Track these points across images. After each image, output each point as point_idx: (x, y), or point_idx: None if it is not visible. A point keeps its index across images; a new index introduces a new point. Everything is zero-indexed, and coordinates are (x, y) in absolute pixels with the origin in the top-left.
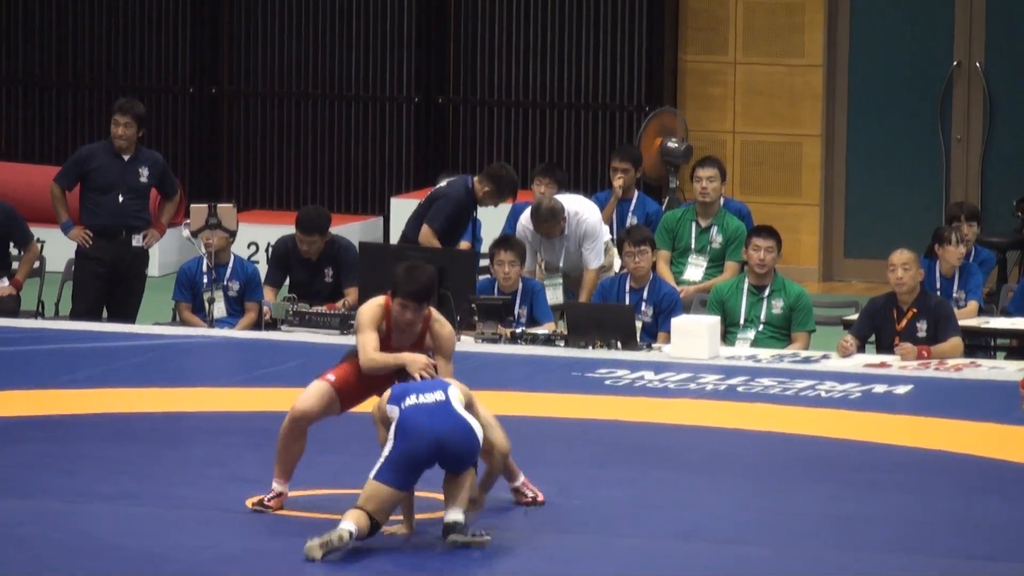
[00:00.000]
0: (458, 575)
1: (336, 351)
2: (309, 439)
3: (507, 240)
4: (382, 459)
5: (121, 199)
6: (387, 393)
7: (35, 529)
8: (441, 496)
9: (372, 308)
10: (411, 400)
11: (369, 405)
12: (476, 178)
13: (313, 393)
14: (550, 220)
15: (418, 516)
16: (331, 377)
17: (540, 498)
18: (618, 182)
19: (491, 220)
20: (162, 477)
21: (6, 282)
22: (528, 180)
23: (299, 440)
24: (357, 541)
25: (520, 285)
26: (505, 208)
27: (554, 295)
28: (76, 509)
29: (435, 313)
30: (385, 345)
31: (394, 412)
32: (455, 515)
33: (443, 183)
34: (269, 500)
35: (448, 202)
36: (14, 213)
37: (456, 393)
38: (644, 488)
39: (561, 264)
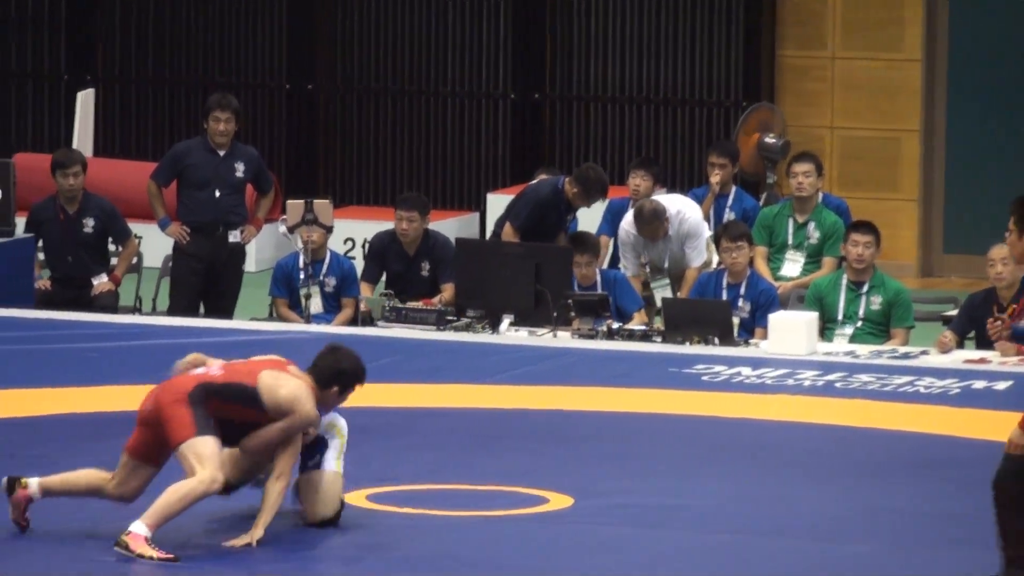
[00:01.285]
0: (564, 568)
1: (432, 347)
2: (397, 435)
3: (581, 241)
4: None
5: (217, 195)
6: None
7: (130, 524)
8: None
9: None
10: None
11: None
12: (567, 179)
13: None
14: (653, 223)
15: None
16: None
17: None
18: (715, 178)
19: (588, 218)
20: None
21: (105, 278)
22: (624, 175)
23: None
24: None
25: (598, 277)
26: (601, 206)
27: (661, 297)
28: None
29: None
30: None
31: None
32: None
33: (536, 180)
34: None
35: (529, 201)
36: (113, 209)
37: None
38: (740, 484)
39: (666, 265)
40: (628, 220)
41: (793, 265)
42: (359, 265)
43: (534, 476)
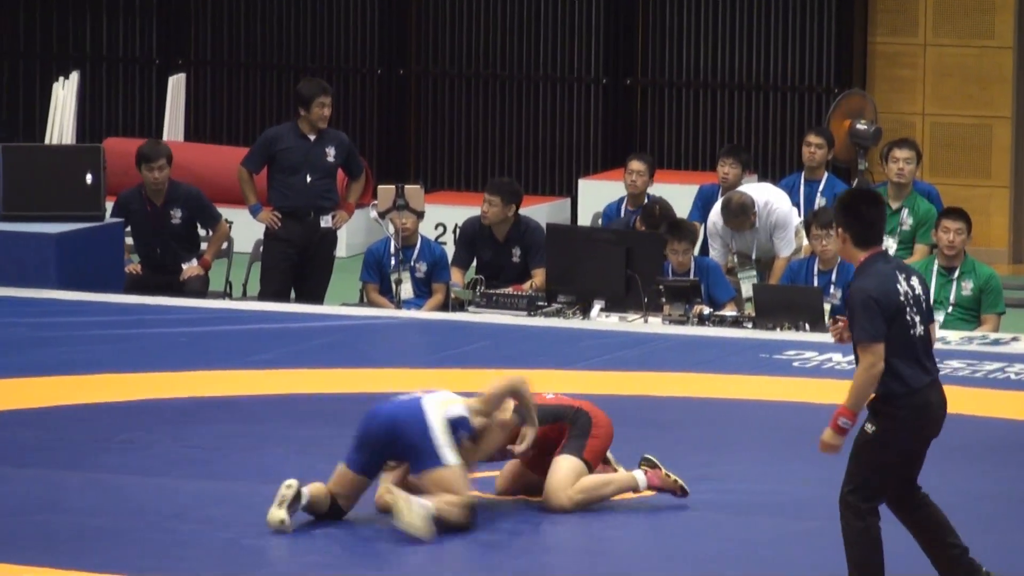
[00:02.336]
0: (641, 554)
1: (523, 333)
2: None
3: (679, 227)
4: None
5: (309, 180)
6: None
7: (226, 509)
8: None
9: None
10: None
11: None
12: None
13: None
14: (740, 215)
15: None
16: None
17: None
18: (809, 153)
19: (680, 204)
20: None
21: (195, 262)
22: (715, 161)
23: None
24: (318, 519)
25: (692, 264)
26: (692, 190)
27: (747, 290)
28: (265, 489)
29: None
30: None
31: None
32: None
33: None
34: None
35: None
36: (199, 195)
37: (437, 398)
38: (832, 470)
39: (754, 255)
40: (716, 210)
41: None
42: (450, 251)
43: (624, 462)
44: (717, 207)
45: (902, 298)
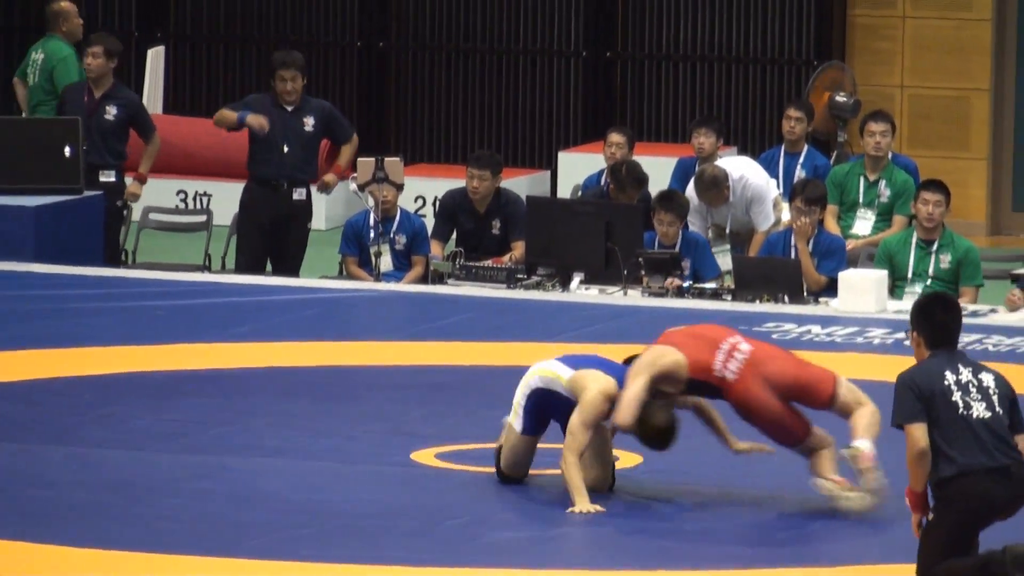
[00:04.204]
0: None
1: (503, 305)
2: (469, 393)
3: (669, 199)
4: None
5: (286, 150)
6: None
7: (206, 483)
8: None
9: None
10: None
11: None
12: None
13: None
14: (711, 189)
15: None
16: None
17: None
18: (789, 126)
19: (658, 174)
20: (330, 431)
21: (130, 181)
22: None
23: None
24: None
25: (680, 237)
26: (672, 162)
27: (723, 262)
28: (246, 463)
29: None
30: None
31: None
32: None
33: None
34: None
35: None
36: (140, 104)
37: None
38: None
39: (728, 230)
40: (692, 187)
41: (864, 223)
42: (429, 223)
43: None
44: (692, 183)
45: (947, 382)
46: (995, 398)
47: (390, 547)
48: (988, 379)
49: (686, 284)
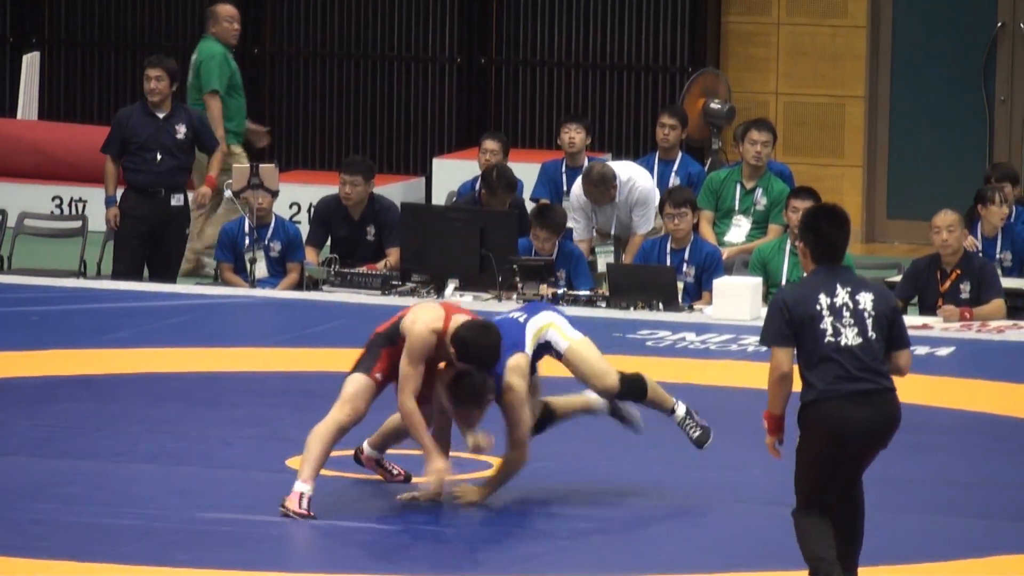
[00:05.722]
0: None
1: (377, 312)
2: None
3: (543, 215)
4: None
5: (159, 158)
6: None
7: (80, 488)
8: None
9: (425, 337)
10: None
11: None
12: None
13: (364, 394)
14: (600, 185)
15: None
16: (377, 376)
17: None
18: (663, 133)
19: (533, 180)
20: (203, 437)
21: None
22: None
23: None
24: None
25: (557, 249)
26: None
27: (603, 265)
28: (119, 469)
29: None
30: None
31: None
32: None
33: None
34: (303, 507)
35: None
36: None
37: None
38: (685, 450)
39: (612, 231)
40: (579, 183)
41: (738, 230)
42: (304, 229)
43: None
44: (579, 182)
45: (819, 307)
46: (869, 321)
47: (263, 552)
48: (866, 300)
49: (560, 291)
